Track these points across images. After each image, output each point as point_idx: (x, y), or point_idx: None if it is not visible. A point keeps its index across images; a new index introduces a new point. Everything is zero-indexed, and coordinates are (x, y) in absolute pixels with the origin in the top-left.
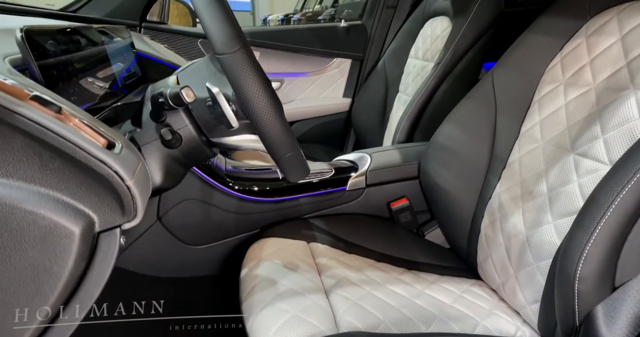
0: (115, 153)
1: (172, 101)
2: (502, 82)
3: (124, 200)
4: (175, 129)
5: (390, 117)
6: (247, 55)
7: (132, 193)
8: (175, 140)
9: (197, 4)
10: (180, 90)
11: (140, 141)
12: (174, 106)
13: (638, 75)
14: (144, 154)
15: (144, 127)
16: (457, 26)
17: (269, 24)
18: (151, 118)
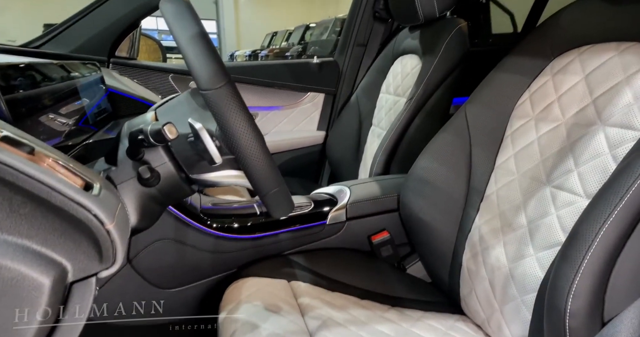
0: (93, 195)
1: (153, 138)
2: (474, 117)
3: (102, 245)
4: (154, 167)
5: (365, 150)
6: (232, 91)
7: (112, 238)
8: (153, 178)
9: (180, 40)
10: (163, 126)
11: (116, 180)
12: (155, 143)
13: (604, 112)
14: (119, 193)
15: (120, 165)
16: (427, 64)
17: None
18: (128, 155)
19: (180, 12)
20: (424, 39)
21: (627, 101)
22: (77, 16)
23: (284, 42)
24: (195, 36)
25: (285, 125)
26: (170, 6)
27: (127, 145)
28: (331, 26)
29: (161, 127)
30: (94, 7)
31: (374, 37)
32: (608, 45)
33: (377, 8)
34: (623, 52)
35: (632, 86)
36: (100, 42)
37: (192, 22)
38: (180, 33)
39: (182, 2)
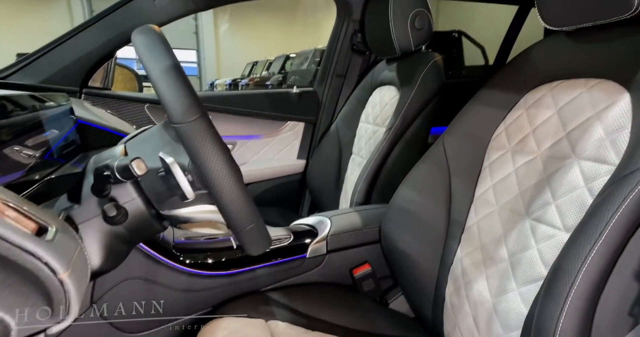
0: (47, 240)
1: (120, 174)
2: (452, 148)
3: (54, 297)
4: (121, 203)
5: (346, 179)
6: (206, 124)
7: (65, 288)
8: (120, 215)
9: (152, 72)
10: (131, 162)
11: (78, 219)
12: (122, 180)
13: (578, 146)
14: (81, 233)
15: (84, 203)
16: (404, 95)
17: (217, 88)
18: (93, 192)
19: (152, 44)
20: (401, 71)
21: (599, 136)
22: (50, 46)
23: (265, 72)
24: (168, 68)
25: (265, 154)
26: (142, 38)
27: (92, 182)
28: (311, 56)
29: (129, 162)
30: (68, 37)
31: (352, 68)
32: (577, 82)
33: (355, 41)
34: (591, 89)
35: (603, 121)
36: (72, 73)
37: (165, 54)
38: (153, 65)
39: (155, 33)
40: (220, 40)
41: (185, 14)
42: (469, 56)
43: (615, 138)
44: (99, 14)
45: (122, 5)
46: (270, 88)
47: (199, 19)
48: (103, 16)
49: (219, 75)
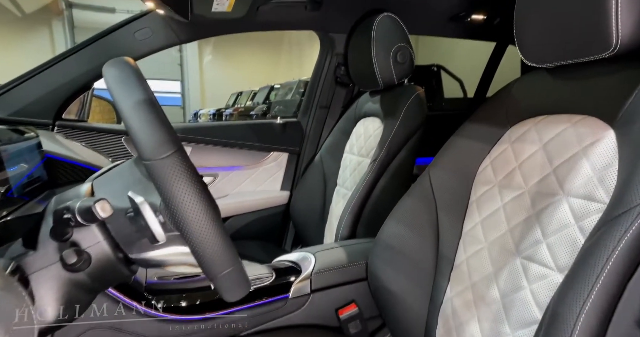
0: None
1: (82, 217)
2: (438, 182)
3: None
4: (84, 248)
5: (331, 210)
6: (179, 160)
7: None
8: (81, 262)
9: (122, 106)
10: (94, 203)
11: (32, 267)
12: (83, 223)
13: (566, 182)
14: (33, 284)
15: (40, 249)
16: (388, 127)
17: (200, 118)
18: (51, 236)
19: (124, 77)
20: (385, 103)
21: (587, 173)
22: (24, 77)
23: (249, 102)
24: (140, 102)
25: (248, 185)
26: (114, 71)
27: (52, 225)
28: (295, 87)
29: (92, 204)
30: (43, 69)
31: (336, 100)
32: (561, 117)
33: (339, 74)
34: (576, 125)
35: (589, 158)
36: (45, 105)
37: (137, 88)
38: (123, 99)
39: (128, 66)
40: (204, 71)
41: (168, 46)
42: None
43: (602, 175)
44: (77, 45)
45: (102, 37)
46: (255, 118)
47: (184, 51)
48: (82, 47)
49: (203, 105)
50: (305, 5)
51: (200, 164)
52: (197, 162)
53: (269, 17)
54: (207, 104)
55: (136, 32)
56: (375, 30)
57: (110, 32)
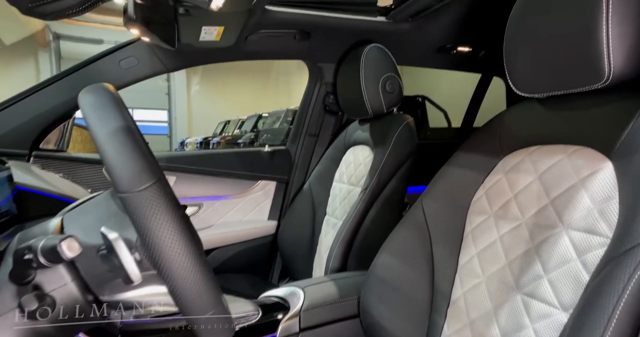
0: None
1: (46, 258)
2: (432, 212)
3: None
4: (48, 291)
5: (320, 241)
6: (158, 193)
7: None
8: (43, 308)
9: (97, 135)
10: (60, 242)
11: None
12: (47, 264)
13: (565, 215)
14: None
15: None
16: (379, 156)
17: (187, 146)
18: (11, 279)
19: (101, 104)
20: (374, 132)
21: (586, 205)
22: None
23: (237, 130)
24: (117, 130)
25: (234, 215)
26: (90, 97)
27: (12, 266)
28: (283, 116)
29: (57, 242)
30: (22, 97)
31: (325, 128)
32: (556, 147)
33: (327, 102)
34: (571, 155)
35: (588, 190)
36: (22, 134)
37: (115, 115)
38: (98, 127)
39: (106, 92)
40: (192, 100)
41: (154, 74)
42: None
43: (603, 208)
44: (59, 73)
45: (85, 65)
46: (242, 146)
47: (172, 80)
48: (64, 76)
49: (190, 134)
50: (294, 36)
51: (185, 193)
52: (181, 191)
53: (258, 46)
54: (194, 133)
55: (121, 61)
56: (364, 60)
57: (95, 60)
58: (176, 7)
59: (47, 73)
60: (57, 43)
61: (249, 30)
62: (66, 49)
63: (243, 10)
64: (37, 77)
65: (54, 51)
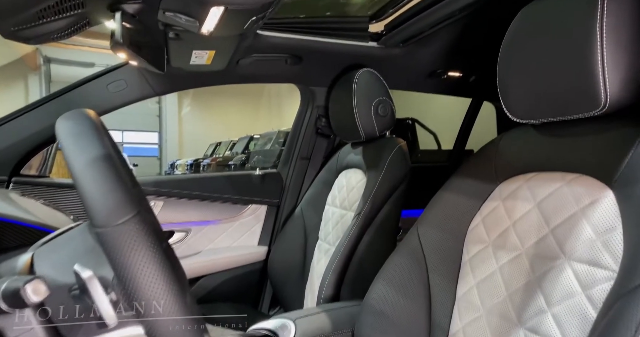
0: None
1: (8, 302)
2: (428, 239)
3: None
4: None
5: (312, 268)
6: (137, 227)
7: None
8: None
9: (73, 164)
10: (24, 285)
11: None
12: (7, 311)
13: (567, 245)
14: None
15: None
16: (372, 179)
17: (177, 168)
18: None
19: (80, 131)
20: (367, 155)
21: (588, 235)
22: None
23: (228, 152)
24: (95, 159)
25: (223, 240)
26: (68, 124)
27: None
28: (274, 138)
29: (21, 285)
30: (1, 123)
31: (317, 151)
32: (554, 175)
33: (319, 125)
34: (570, 183)
35: (590, 220)
36: (1, 160)
37: (94, 143)
38: (75, 156)
39: (86, 119)
40: (183, 121)
41: (143, 98)
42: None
43: (607, 240)
44: (45, 97)
45: (72, 89)
46: (233, 168)
47: (163, 102)
48: (49, 100)
49: (181, 156)
50: (286, 60)
51: (172, 219)
52: (169, 217)
53: (250, 70)
54: (185, 155)
55: (109, 84)
56: (356, 84)
57: (82, 84)
58: (166, 31)
59: (36, 96)
60: (47, 66)
61: (241, 54)
62: (56, 73)
63: (234, 35)
64: (26, 100)
65: (44, 74)
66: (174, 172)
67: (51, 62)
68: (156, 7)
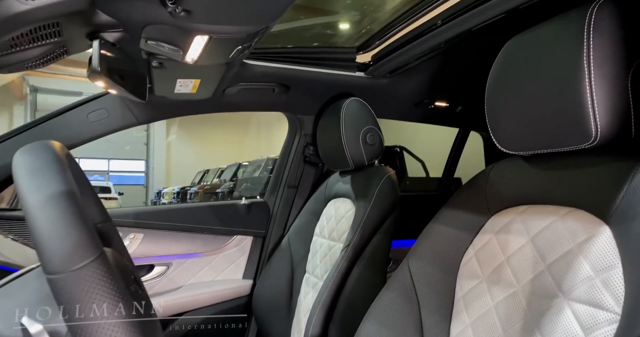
0: None
1: None
2: (419, 274)
3: None
4: None
5: (299, 303)
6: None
7: None
8: None
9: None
10: None
11: None
12: None
13: (564, 283)
14: None
15: None
16: (361, 209)
17: (164, 196)
18: None
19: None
20: (356, 184)
21: (587, 274)
22: None
23: (216, 179)
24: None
25: (205, 274)
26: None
27: None
28: (263, 165)
29: None
30: None
31: (305, 179)
32: (547, 208)
33: (307, 153)
34: (565, 217)
35: (587, 257)
36: None
37: (52, 179)
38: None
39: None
40: (171, 149)
41: (124, 127)
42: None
43: (607, 278)
44: (22, 126)
45: (51, 118)
46: (221, 196)
47: (151, 129)
48: (26, 129)
49: (168, 183)
50: (274, 89)
51: (153, 252)
52: (149, 250)
53: (236, 98)
54: (172, 182)
55: (90, 114)
56: (344, 113)
57: (62, 112)
58: (149, 60)
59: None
60: (34, 96)
61: (227, 83)
62: (43, 102)
63: (220, 64)
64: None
65: (30, 104)
66: (160, 200)
67: (38, 91)
68: (138, 35)
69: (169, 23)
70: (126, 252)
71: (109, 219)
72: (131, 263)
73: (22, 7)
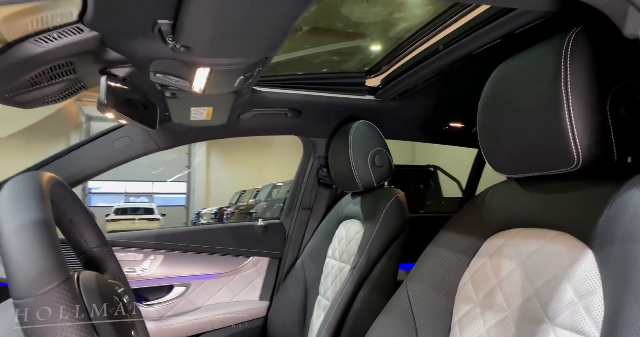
0: None
1: None
2: (417, 298)
3: None
4: None
5: (311, 325)
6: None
7: None
8: None
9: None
10: None
11: None
12: None
13: (549, 308)
14: None
15: None
16: (368, 231)
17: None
18: None
19: (15, 196)
20: (365, 205)
21: (570, 298)
22: None
23: (252, 199)
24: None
25: (222, 295)
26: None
27: None
28: None
29: None
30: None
31: (319, 201)
32: (536, 231)
33: (321, 175)
34: (552, 241)
35: (571, 281)
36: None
37: (29, 208)
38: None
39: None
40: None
41: (146, 153)
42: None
43: (588, 304)
44: (52, 155)
45: (80, 146)
46: (254, 215)
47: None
48: (56, 158)
49: (207, 204)
50: (286, 113)
51: (173, 273)
52: (169, 271)
53: (251, 123)
54: (211, 203)
55: (115, 141)
56: (352, 136)
57: (90, 141)
58: (162, 91)
59: None
60: (88, 124)
61: (240, 110)
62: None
63: (228, 93)
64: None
65: (85, 131)
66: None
67: (92, 119)
68: (146, 69)
69: (172, 58)
70: (122, 275)
71: (105, 243)
72: (127, 286)
73: (37, 49)
